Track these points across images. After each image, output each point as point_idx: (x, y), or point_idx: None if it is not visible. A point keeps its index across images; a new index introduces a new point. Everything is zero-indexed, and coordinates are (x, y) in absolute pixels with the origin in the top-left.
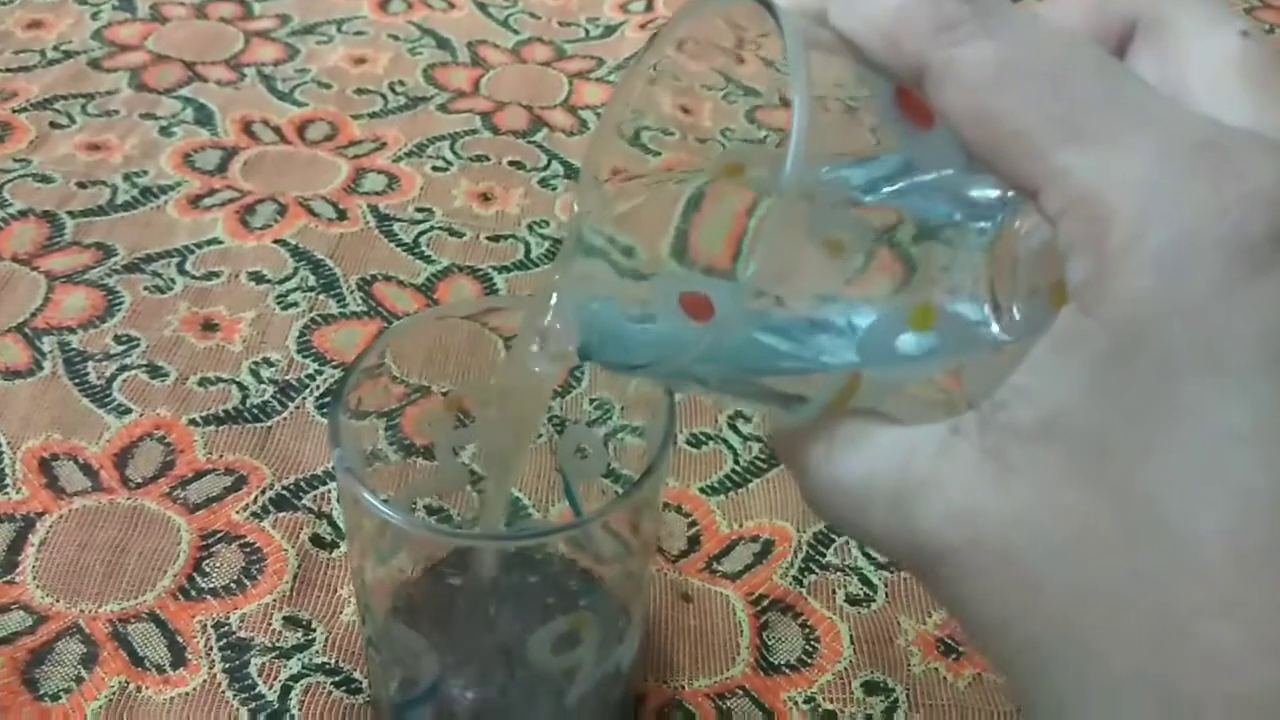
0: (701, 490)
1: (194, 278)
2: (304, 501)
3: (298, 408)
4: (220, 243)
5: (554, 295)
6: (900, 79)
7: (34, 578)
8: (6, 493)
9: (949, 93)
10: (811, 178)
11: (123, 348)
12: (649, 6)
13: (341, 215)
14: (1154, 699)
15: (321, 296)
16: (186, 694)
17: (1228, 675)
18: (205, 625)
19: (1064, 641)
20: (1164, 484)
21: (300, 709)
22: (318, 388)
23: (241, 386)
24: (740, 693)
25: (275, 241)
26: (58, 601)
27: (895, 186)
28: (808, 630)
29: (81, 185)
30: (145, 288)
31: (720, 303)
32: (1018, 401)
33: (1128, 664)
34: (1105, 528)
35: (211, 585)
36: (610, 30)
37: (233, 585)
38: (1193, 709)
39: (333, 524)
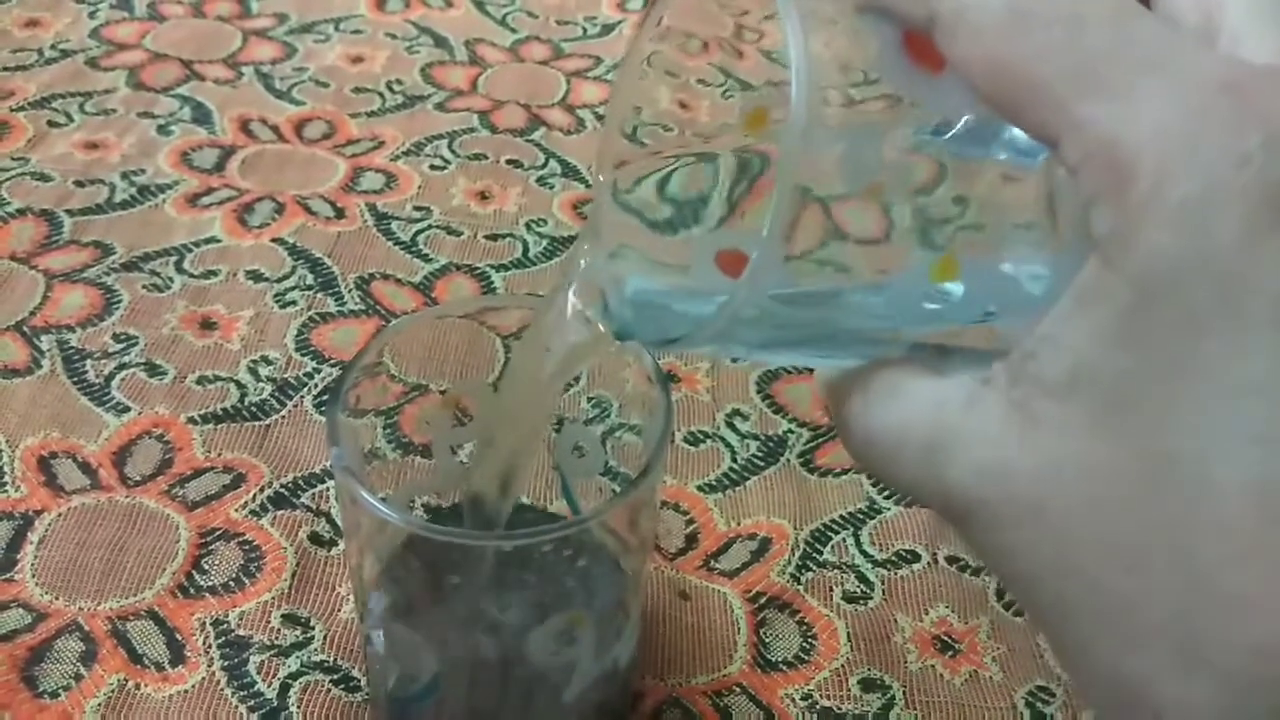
0: (699, 488)
1: (192, 276)
2: (302, 499)
3: (296, 406)
4: (218, 241)
5: (581, 275)
6: (909, 27)
7: (33, 575)
8: (5, 491)
9: (960, 44)
10: (824, 115)
11: (121, 346)
12: (647, 4)
13: (339, 214)
14: (1181, 650)
15: (320, 295)
16: (185, 691)
17: (1253, 625)
18: (204, 623)
19: (1092, 594)
20: (1187, 437)
21: (299, 707)
22: (316, 386)
23: (240, 385)
24: (737, 690)
25: (273, 240)
26: (57, 599)
27: (927, 132)
28: (805, 628)
29: (79, 184)
30: (143, 286)
31: (754, 254)
32: (1044, 353)
33: (1155, 616)
34: (1130, 481)
35: (210, 583)
36: (608, 29)
37: (231, 583)
38: (1220, 659)
39: (331, 522)
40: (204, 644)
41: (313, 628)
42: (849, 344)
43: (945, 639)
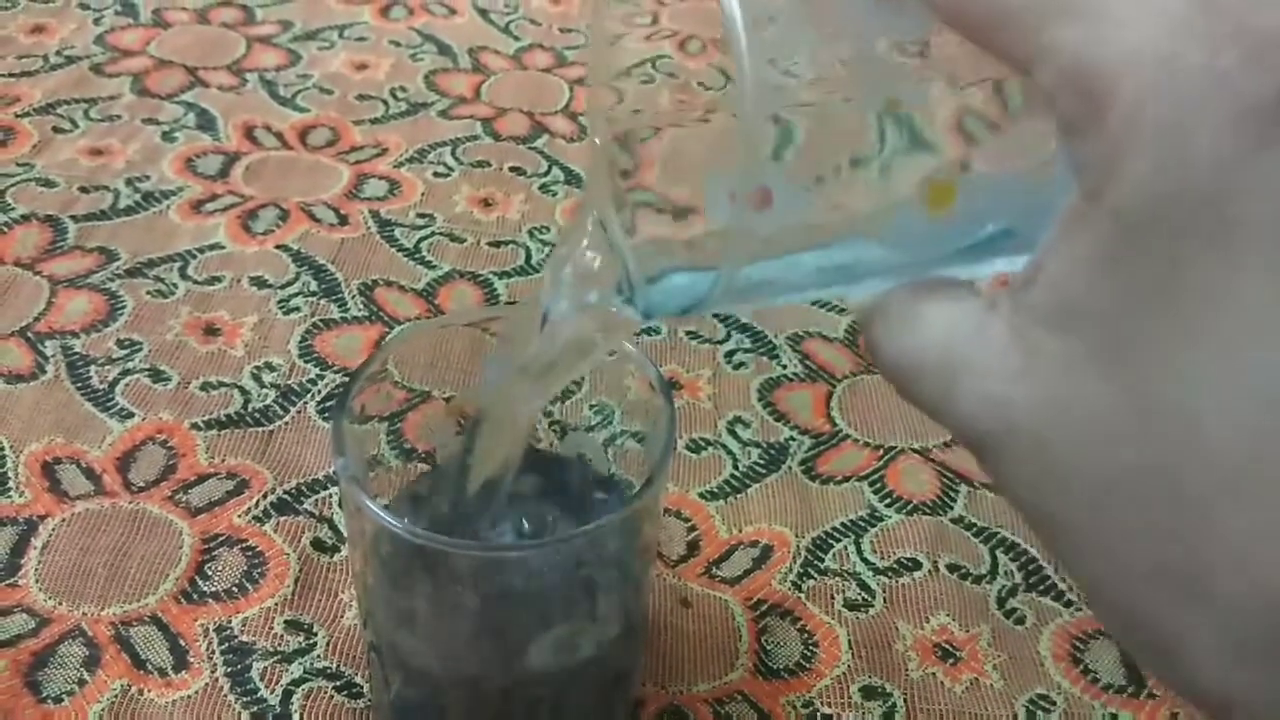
0: (701, 495)
1: (196, 282)
2: (305, 506)
3: (299, 412)
4: (222, 248)
5: (584, 262)
6: None
7: (36, 581)
8: (9, 496)
9: None
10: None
11: (125, 352)
12: (654, 21)
13: (343, 220)
14: (1185, 585)
15: (323, 301)
16: (188, 697)
17: (1251, 560)
18: (207, 629)
19: (1095, 531)
20: (1178, 373)
21: (302, 713)
22: (319, 392)
23: (243, 391)
24: (739, 697)
25: (277, 247)
26: (60, 604)
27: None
28: (806, 635)
29: (84, 190)
30: (147, 292)
31: (777, 186)
32: (1040, 281)
33: (1157, 552)
34: (1124, 418)
35: (213, 589)
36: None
37: (234, 589)
38: (1224, 594)
39: (334, 528)
40: (207, 650)
41: (316, 634)
42: (863, 277)
43: (946, 647)
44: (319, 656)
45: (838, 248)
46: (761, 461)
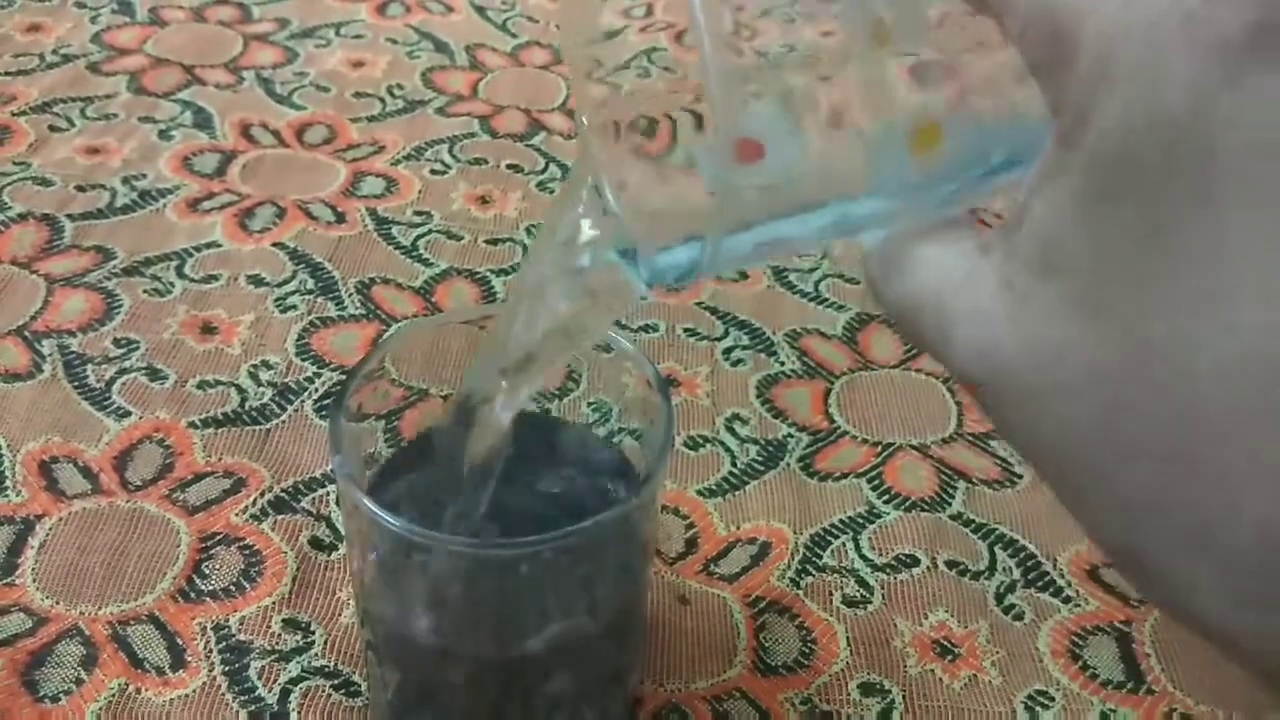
0: (699, 493)
1: (193, 281)
2: (303, 504)
3: (296, 410)
4: (219, 246)
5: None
6: None
7: (34, 580)
8: (6, 495)
9: None
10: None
11: (122, 350)
12: (649, 11)
13: (340, 218)
14: (1184, 530)
15: (320, 299)
16: (186, 696)
17: (1249, 505)
18: (205, 627)
19: (1094, 475)
20: (1163, 315)
21: (299, 712)
22: (316, 390)
23: (240, 389)
24: (737, 694)
25: (274, 245)
26: (58, 604)
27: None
28: (804, 632)
29: (81, 189)
30: (144, 291)
31: (769, 137)
32: (1025, 226)
33: (1155, 498)
34: (1111, 365)
35: (211, 588)
36: (610, 35)
37: (232, 588)
38: (1223, 539)
39: (331, 526)
40: (205, 648)
41: (313, 633)
42: (869, 228)
43: (944, 643)
44: (316, 655)
45: (835, 205)
46: (760, 458)
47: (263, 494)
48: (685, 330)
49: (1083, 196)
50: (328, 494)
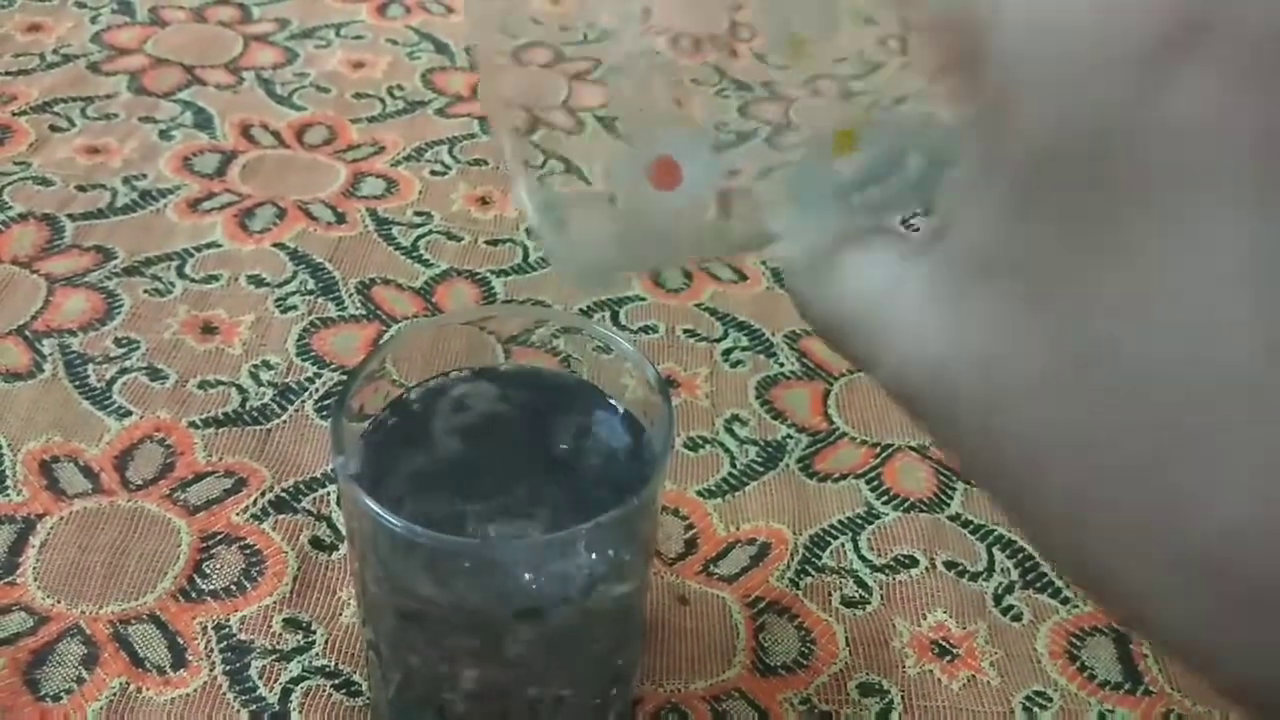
0: (699, 493)
1: (193, 281)
2: (303, 504)
3: (297, 410)
4: (219, 246)
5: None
6: None
7: (35, 579)
8: (7, 494)
9: None
10: None
11: (123, 350)
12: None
13: (340, 219)
14: (1137, 542)
15: (320, 300)
16: (187, 695)
17: (1200, 516)
18: (206, 627)
19: (1040, 489)
20: (1102, 319)
21: (300, 711)
22: (317, 390)
23: (241, 389)
24: (736, 695)
25: (274, 245)
26: (59, 603)
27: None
28: (803, 632)
29: (81, 188)
30: (145, 291)
31: (688, 158)
32: (956, 231)
33: (1106, 510)
34: (1048, 373)
35: (212, 587)
36: (609, 33)
37: (233, 587)
38: (1177, 550)
39: (332, 526)
40: (205, 648)
41: (314, 632)
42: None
43: (943, 644)
44: (317, 655)
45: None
46: (759, 459)
47: (263, 494)
48: (685, 331)
49: (1012, 198)
50: (328, 494)
